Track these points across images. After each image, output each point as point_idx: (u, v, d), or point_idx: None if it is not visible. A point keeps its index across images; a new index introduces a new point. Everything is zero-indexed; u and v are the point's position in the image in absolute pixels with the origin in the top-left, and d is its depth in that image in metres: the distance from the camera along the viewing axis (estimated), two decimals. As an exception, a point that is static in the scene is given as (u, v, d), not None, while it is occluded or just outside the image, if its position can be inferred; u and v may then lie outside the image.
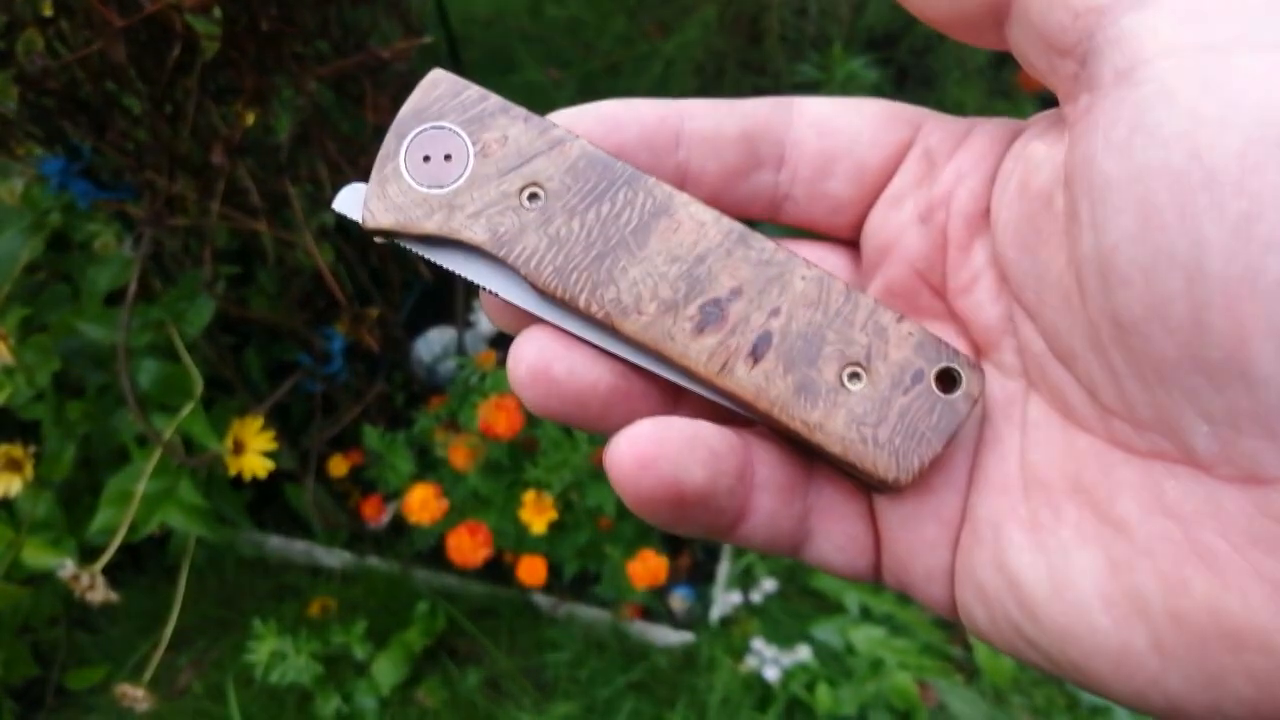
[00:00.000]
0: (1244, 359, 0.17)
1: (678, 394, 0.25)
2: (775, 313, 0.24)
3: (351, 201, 0.25)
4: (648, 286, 0.24)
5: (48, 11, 0.76)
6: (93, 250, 1.04)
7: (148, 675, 1.03)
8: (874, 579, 0.26)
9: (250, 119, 0.90)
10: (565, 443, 1.13)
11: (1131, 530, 0.20)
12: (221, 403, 1.10)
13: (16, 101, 0.79)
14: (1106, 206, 0.18)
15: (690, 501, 0.22)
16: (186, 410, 0.98)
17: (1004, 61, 1.35)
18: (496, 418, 1.08)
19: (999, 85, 1.38)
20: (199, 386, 0.98)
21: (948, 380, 0.24)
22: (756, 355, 0.24)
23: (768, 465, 0.24)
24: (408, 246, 0.25)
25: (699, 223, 0.24)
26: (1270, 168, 0.16)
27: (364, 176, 0.25)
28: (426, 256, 0.25)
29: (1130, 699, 0.20)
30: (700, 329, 0.24)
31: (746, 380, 0.24)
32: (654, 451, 0.22)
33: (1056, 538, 0.21)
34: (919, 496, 0.24)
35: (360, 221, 0.25)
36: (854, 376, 0.24)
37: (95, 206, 0.98)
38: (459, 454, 1.13)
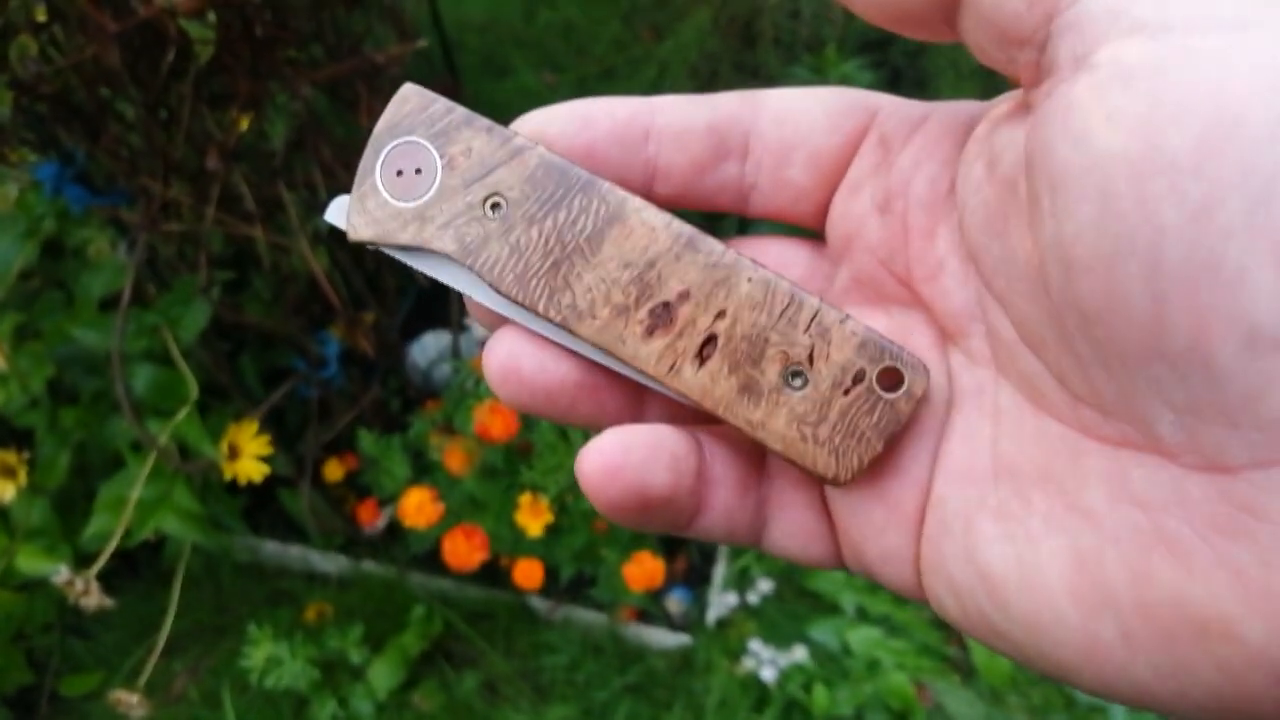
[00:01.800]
0: (1205, 349, 0.17)
1: (640, 387, 0.26)
2: (721, 315, 0.25)
3: (340, 212, 0.26)
4: (600, 292, 0.25)
5: (41, 17, 0.76)
6: (87, 256, 1.04)
7: (143, 681, 1.02)
8: (836, 565, 0.26)
9: (245, 124, 0.90)
10: (560, 446, 1.13)
11: (1099, 519, 0.20)
12: (216, 408, 1.10)
13: (10, 107, 0.79)
14: (1066, 195, 0.18)
15: (655, 504, 0.24)
16: (181, 416, 0.98)
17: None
18: (492, 421, 1.08)
19: (994, 86, 1.38)
20: (194, 392, 0.98)
21: (892, 380, 0.24)
22: (703, 357, 0.24)
23: (722, 461, 0.25)
24: (391, 254, 0.26)
25: (650, 228, 0.25)
26: (1229, 152, 0.16)
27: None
28: (409, 264, 0.26)
29: (1098, 688, 0.20)
30: (650, 332, 0.25)
31: (693, 381, 0.25)
32: (619, 460, 0.23)
33: (1025, 528, 0.21)
34: (866, 487, 0.25)
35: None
36: (796, 376, 0.24)
37: (89, 212, 0.98)
38: (454, 458, 1.13)
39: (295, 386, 1.20)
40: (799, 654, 1.21)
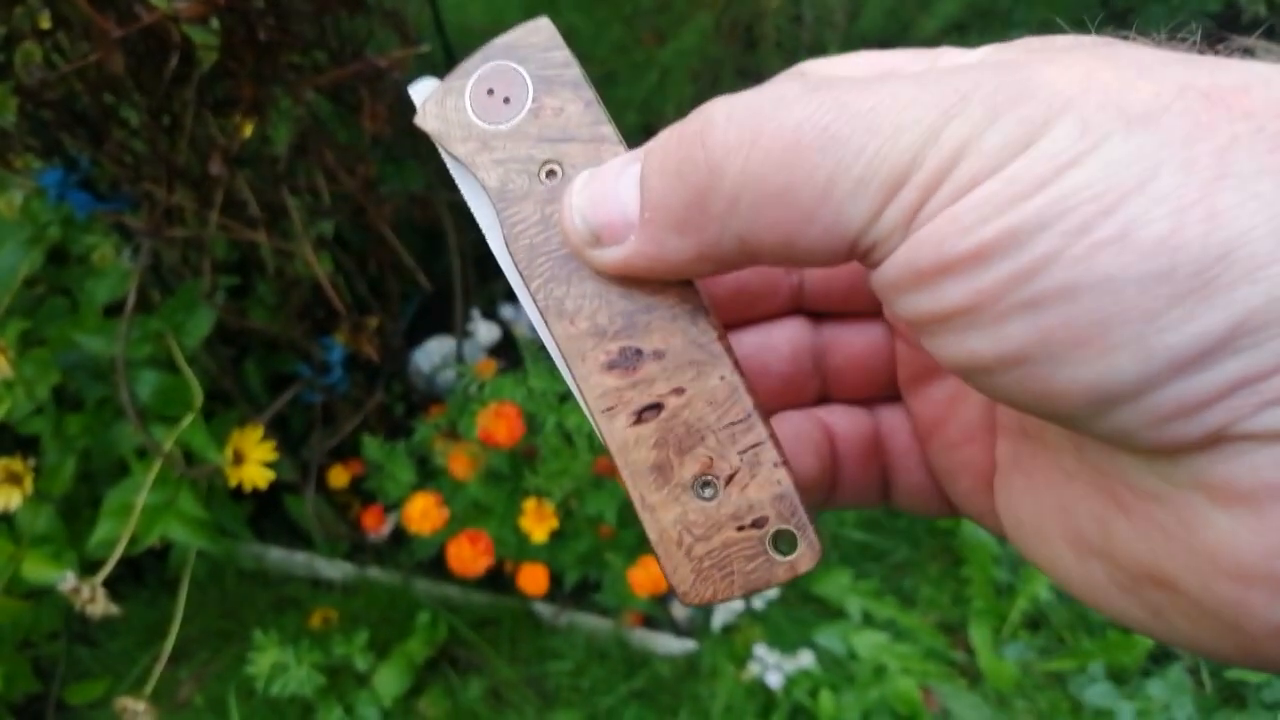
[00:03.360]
0: (1080, 427, 0.19)
1: None
2: (678, 391, 0.24)
3: (422, 93, 0.26)
4: (591, 305, 0.24)
5: (46, 24, 0.76)
6: (91, 262, 1.04)
7: (149, 689, 1.02)
8: (952, 513, 0.29)
9: (248, 129, 0.90)
10: (565, 451, 1.13)
11: (1072, 477, 0.22)
12: (221, 414, 1.10)
13: (15, 113, 0.79)
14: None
15: (807, 490, 0.26)
16: (186, 422, 0.98)
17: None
18: (496, 426, 1.08)
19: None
20: (199, 398, 0.98)
21: (786, 543, 0.24)
22: (641, 418, 0.24)
23: (845, 438, 0.29)
24: (442, 154, 0.26)
25: (666, 283, 0.25)
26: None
27: (362, 185, 0.26)
28: (451, 172, 0.26)
29: (1124, 626, 0.22)
30: (610, 367, 0.24)
31: (619, 433, 0.24)
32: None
33: (1032, 481, 0.24)
34: (948, 447, 0.28)
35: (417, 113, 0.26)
36: (707, 486, 0.24)
37: (93, 218, 0.98)
38: (459, 463, 1.13)
39: (299, 392, 1.20)
40: (805, 659, 1.21)
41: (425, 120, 0.25)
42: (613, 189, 0.23)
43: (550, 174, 0.25)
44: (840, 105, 0.19)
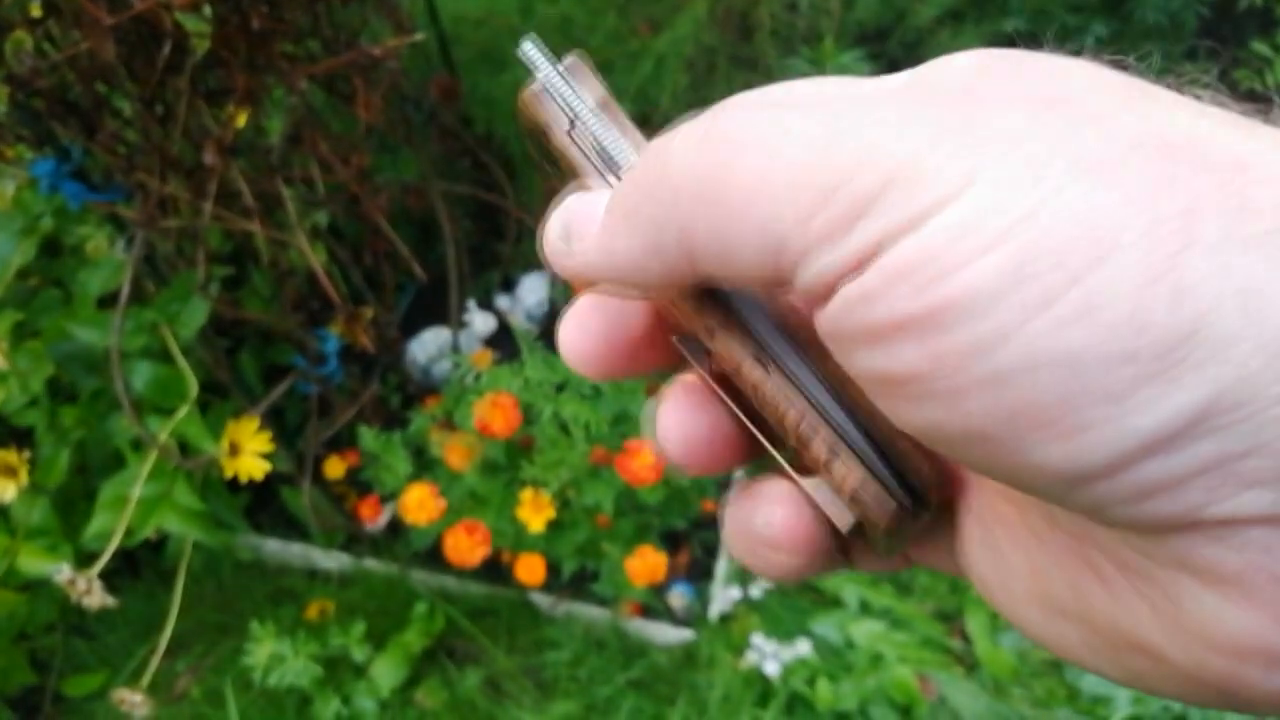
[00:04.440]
0: (1045, 495, 0.18)
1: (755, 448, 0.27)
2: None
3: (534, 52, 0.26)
4: None
5: (37, 12, 0.76)
6: (84, 254, 1.04)
7: (146, 681, 1.02)
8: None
9: (242, 119, 0.90)
10: (562, 440, 1.13)
11: (1042, 538, 0.21)
12: (216, 406, 1.09)
13: (6, 103, 0.78)
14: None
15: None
16: (182, 413, 0.97)
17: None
18: (493, 416, 1.08)
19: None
20: (194, 389, 0.98)
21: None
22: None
23: None
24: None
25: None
26: (960, 334, 0.17)
27: (356, 175, 0.26)
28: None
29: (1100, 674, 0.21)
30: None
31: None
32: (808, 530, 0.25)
33: (993, 536, 0.22)
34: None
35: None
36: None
37: (87, 209, 0.98)
38: (455, 453, 1.13)
39: (295, 383, 1.19)
40: (802, 648, 1.21)
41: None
42: (592, 197, 0.23)
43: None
44: (781, 113, 0.19)
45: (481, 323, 1.46)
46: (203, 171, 0.91)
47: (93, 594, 0.90)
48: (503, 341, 1.43)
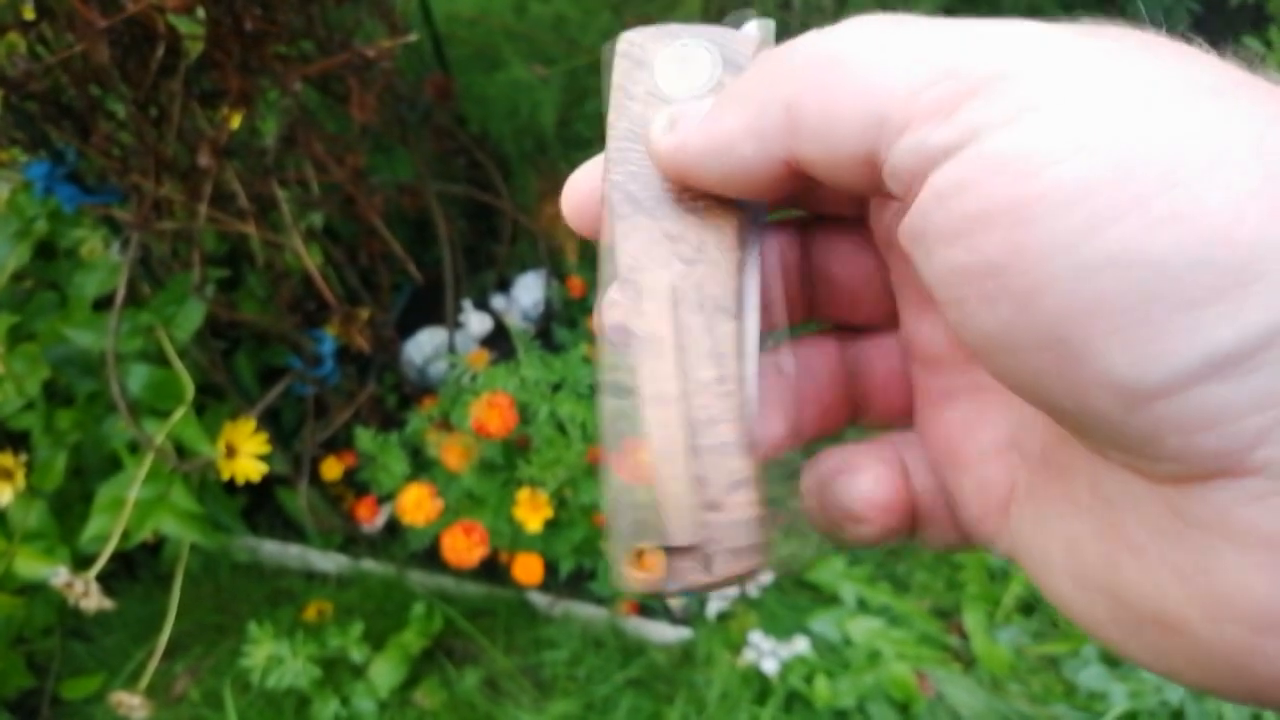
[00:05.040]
0: (1095, 412, 0.18)
1: None
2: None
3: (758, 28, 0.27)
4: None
5: (29, 14, 0.76)
6: (79, 256, 1.04)
7: (144, 683, 1.02)
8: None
9: (236, 121, 0.90)
10: (559, 440, 1.13)
11: (1082, 509, 0.21)
12: (212, 407, 1.09)
13: (0, 107, 0.78)
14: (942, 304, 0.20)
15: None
16: (178, 415, 0.97)
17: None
18: (489, 416, 1.08)
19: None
20: (190, 391, 0.98)
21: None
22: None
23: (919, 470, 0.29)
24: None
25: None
26: (1032, 244, 0.17)
27: (351, 175, 0.25)
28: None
29: (1128, 659, 0.21)
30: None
31: None
32: (890, 496, 0.27)
33: (1041, 511, 0.23)
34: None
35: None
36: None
37: (81, 211, 0.98)
38: (452, 454, 1.13)
39: (291, 384, 1.19)
40: (800, 646, 1.21)
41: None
42: (706, 100, 0.24)
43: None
44: (903, 19, 0.20)
45: (477, 323, 1.46)
46: (197, 173, 0.91)
47: (90, 597, 0.90)
48: (499, 341, 1.43)
